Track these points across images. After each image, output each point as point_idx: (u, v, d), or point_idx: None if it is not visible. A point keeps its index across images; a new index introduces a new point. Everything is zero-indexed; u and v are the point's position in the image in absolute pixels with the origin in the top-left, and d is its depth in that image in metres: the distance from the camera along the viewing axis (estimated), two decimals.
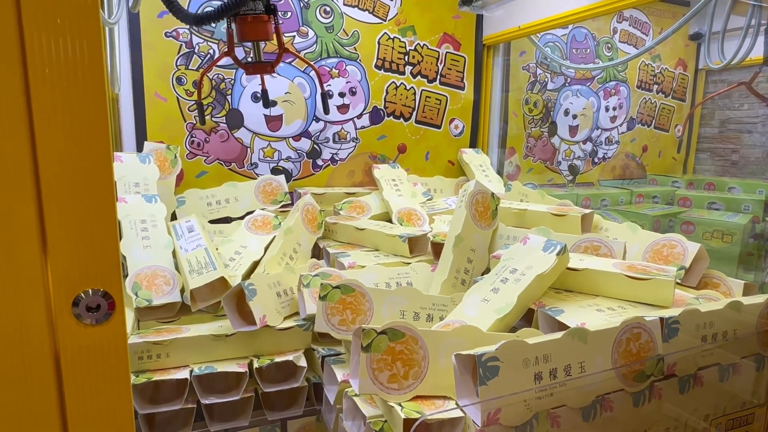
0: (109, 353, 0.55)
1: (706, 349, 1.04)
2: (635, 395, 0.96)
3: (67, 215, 0.51)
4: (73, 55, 0.50)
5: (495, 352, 0.83)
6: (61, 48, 0.50)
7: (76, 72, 0.51)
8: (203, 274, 1.38)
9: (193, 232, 1.55)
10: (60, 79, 0.50)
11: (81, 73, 0.51)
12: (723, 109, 3.01)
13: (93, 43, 0.51)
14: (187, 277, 1.37)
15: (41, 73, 0.49)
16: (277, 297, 1.36)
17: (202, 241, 1.50)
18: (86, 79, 0.51)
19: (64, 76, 0.50)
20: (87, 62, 0.51)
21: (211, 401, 1.18)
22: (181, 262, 1.44)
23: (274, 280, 1.38)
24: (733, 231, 2.05)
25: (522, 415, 0.85)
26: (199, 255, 1.45)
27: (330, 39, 2.10)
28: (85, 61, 0.51)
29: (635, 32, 2.82)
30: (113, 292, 0.54)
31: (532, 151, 2.66)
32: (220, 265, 1.42)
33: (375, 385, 0.92)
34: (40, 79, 0.49)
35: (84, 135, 0.51)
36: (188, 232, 1.56)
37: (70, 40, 0.50)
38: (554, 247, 1.17)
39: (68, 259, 0.52)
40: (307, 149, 2.14)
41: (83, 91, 0.51)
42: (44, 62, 0.49)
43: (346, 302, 1.19)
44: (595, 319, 1.08)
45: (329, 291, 1.18)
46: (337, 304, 1.18)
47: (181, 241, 1.52)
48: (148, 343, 1.18)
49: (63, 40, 0.50)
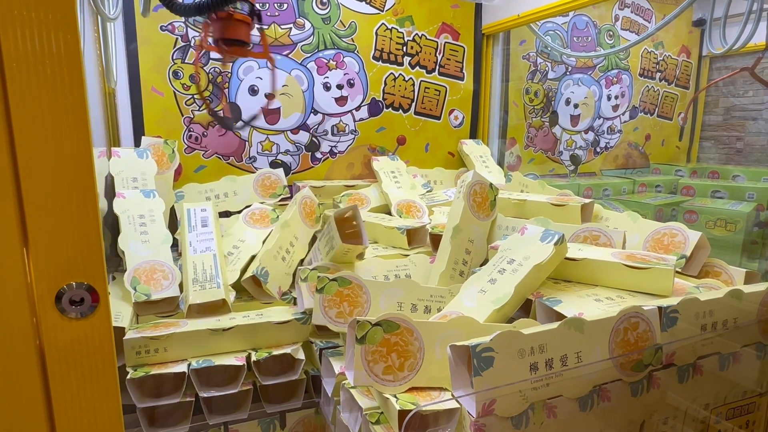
0: (94, 347, 0.54)
1: (705, 338, 1.03)
2: (633, 385, 0.95)
3: (47, 207, 0.50)
4: (49, 49, 0.49)
5: (489, 342, 0.82)
6: (36, 41, 0.49)
7: (54, 65, 0.50)
8: (206, 290, 1.36)
9: (206, 227, 1.53)
10: (37, 72, 0.49)
11: (59, 67, 0.50)
12: (727, 97, 2.97)
13: (70, 36, 0.50)
14: (189, 284, 1.37)
15: (17, 67, 0.49)
16: (282, 262, 1.50)
17: (213, 245, 1.49)
18: (64, 71, 0.50)
19: (41, 70, 0.49)
20: (64, 55, 0.50)
21: (209, 394, 1.18)
22: (186, 261, 1.43)
23: (276, 247, 1.52)
24: (737, 219, 2.02)
25: (518, 406, 0.84)
26: (206, 261, 1.44)
27: (327, 30, 2.08)
28: (62, 54, 0.50)
29: (637, 19, 2.78)
30: (97, 284, 0.53)
31: (533, 142, 2.64)
32: (224, 280, 1.40)
33: (370, 376, 0.91)
34: (16, 73, 0.49)
35: (63, 127, 0.50)
36: (201, 225, 1.54)
37: (46, 33, 0.49)
38: (552, 236, 1.16)
39: (50, 252, 0.51)
40: (305, 142, 2.13)
41: (62, 84, 0.50)
42: (20, 55, 0.49)
43: (343, 294, 1.18)
44: (593, 308, 1.07)
45: (326, 283, 1.18)
46: (334, 297, 1.18)
47: (192, 236, 1.50)
48: (146, 338, 1.18)
49: (39, 33, 0.49)
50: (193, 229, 1.54)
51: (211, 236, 1.52)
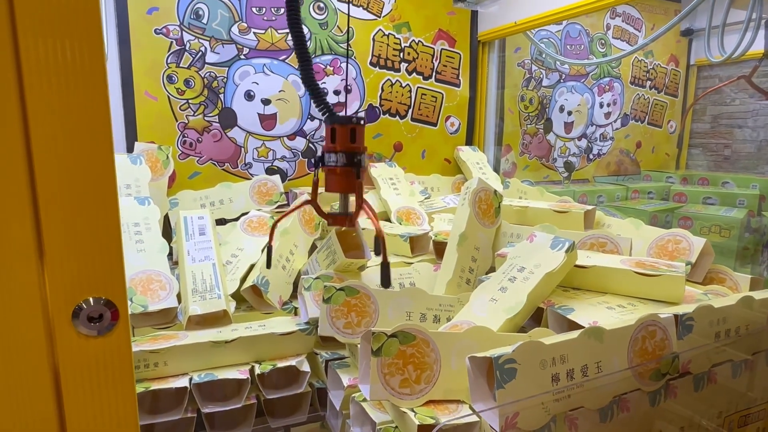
0: (113, 367, 0.51)
1: (720, 346, 1.02)
2: (651, 394, 0.94)
3: (65, 218, 0.47)
4: (72, 57, 0.46)
5: (512, 354, 0.80)
6: (59, 52, 0.46)
7: (75, 72, 0.47)
8: (207, 300, 1.31)
9: (204, 235, 1.49)
10: (58, 80, 0.46)
11: (80, 74, 0.47)
12: (715, 105, 3.03)
13: (94, 46, 0.47)
14: (188, 294, 1.32)
15: (37, 75, 0.45)
16: (282, 270, 1.46)
17: (212, 253, 1.44)
18: (86, 79, 0.47)
19: (63, 78, 0.46)
20: (87, 59, 0.47)
21: (211, 410, 1.14)
22: (184, 270, 1.38)
23: (276, 255, 1.47)
24: (732, 225, 2.05)
25: (540, 419, 0.82)
26: (205, 271, 1.39)
27: (324, 36, 2.06)
28: (85, 62, 0.47)
29: (628, 28, 2.82)
30: (117, 300, 0.50)
31: (528, 148, 2.65)
32: (225, 290, 1.36)
33: (386, 390, 0.88)
34: (36, 81, 0.45)
35: (83, 130, 0.47)
36: (199, 234, 1.49)
37: (68, 43, 0.46)
38: (563, 244, 1.15)
39: (67, 266, 0.47)
40: (302, 148, 2.10)
41: (83, 92, 0.47)
42: (40, 65, 0.46)
43: (351, 304, 1.15)
44: (606, 317, 1.05)
45: (333, 293, 1.14)
46: (341, 307, 1.15)
47: (190, 244, 1.46)
48: (144, 352, 1.13)
49: (61, 43, 0.46)
50: (191, 237, 1.49)
51: (210, 245, 1.48)
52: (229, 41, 1.91)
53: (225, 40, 1.90)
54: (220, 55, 1.90)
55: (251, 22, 1.93)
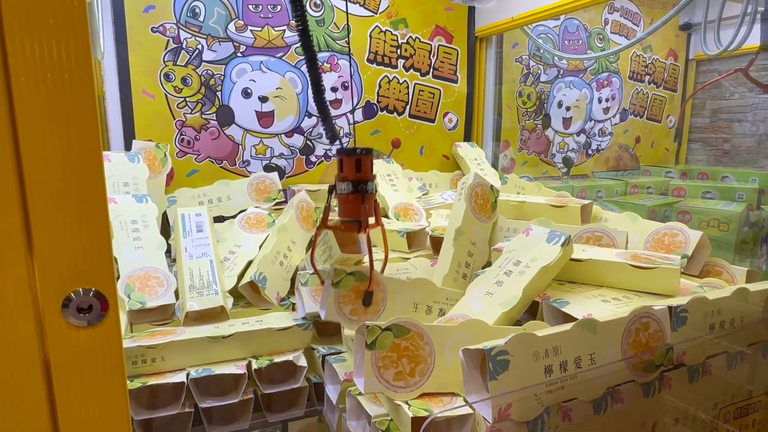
0: (102, 357, 0.51)
1: (715, 338, 1.02)
2: (645, 386, 0.94)
3: (54, 209, 0.47)
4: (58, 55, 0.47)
5: (505, 345, 0.80)
6: (45, 49, 0.46)
7: (62, 68, 0.47)
8: (204, 296, 1.32)
9: (202, 232, 1.49)
10: (45, 77, 0.47)
11: (67, 71, 0.47)
12: (714, 99, 3.02)
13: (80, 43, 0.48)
14: (185, 291, 1.32)
15: (24, 72, 0.46)
16: (280, 266, 1.47)
17: (209, 250, 1.45)
18: (72, 76, 0.47)
19: (50, 74, 0.47)
20: (74, 55, 0.47)
21: (209, 405, 1.14)
22: (182, 267, 1.39)
23: (273, 251, 1.49)
24: (730, 219, 2.05)
25: (533, 410, 0.82)
26: (203, 268, 1.39)
27: (321, 33, 2.06)
28: (71, 58, 0.47)
29: (626, 23, 2.81)
30: (106, 291, 0.50)
31: (527, 144, 2.65)
32: (222, 286, 1.37)
33: (381, 383, 0.89)
34: (23, 78, 0.46)
35: (71, 127, 0.47)
36: (196, 231, 1.49)
37: (54, 41, 0.46)
38: (558, 238, 1.15)
39: (56, 257, 0.48)
40: (300, 145, 2.10)
41: (70, 88, 0.47)
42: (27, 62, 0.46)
43: (359, 291, 1.14)
44: (601, 309, 1.06)
45: (343, 277, 1.12)
46: (350, 292, 1.13)
47: (187, 241, 1.46)
48: (142, 348, 1.14)
49: (47, 41, 0.46)
50: (188, 234, 1.50)
51: (207, 241, 1.48)
52: (225, 39, 1.91)
53: (222, 38, 1.90)
54: (217, 52, 1.90)
55: (248, 20, 1.93)
